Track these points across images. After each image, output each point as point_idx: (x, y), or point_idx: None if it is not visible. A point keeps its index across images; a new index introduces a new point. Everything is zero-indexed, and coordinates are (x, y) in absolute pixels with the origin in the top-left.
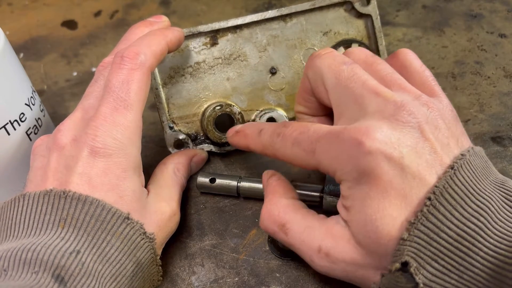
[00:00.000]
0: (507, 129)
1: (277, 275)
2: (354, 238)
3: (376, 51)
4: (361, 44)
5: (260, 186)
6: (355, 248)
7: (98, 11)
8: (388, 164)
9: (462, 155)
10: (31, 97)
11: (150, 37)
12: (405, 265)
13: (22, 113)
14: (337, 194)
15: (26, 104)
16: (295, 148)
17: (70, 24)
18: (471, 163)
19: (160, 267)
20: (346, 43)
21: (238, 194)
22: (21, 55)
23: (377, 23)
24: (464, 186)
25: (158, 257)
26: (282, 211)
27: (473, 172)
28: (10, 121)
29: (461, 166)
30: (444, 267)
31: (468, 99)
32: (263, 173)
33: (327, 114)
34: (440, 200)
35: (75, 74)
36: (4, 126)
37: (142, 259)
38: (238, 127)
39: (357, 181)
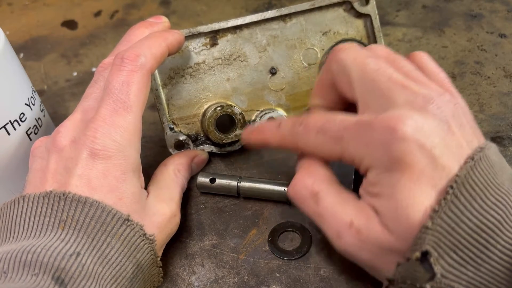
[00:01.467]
0: (507, 129)
1: (277, 275)
2: (383, 224)
3: None
4: (360, 43)
5: (260, 186)
6: (385, 232)
7: (98, 11)
8: (421, 153)
9: (481, 148)
10: (31, 97)
11: (150, 40)
12: (425, 255)
13: (22, 113)
14: None
15: (26, 104)
16: (320, 136)
17: (70, 24)
18: (489, 157)
19: (160, 269)
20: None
21: (238, 194)
22: (21, 55)
23: (376, 22)
24: (483, 178)
25: (159, 259)
26: (318, 180)
27: (492, 166)
28: (10, 121)
29: (481, 159)
30: (462, 258)
31: (468, 99)
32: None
33: (344, 108)
34: (461, 189)
35: (75, 74)
36: (4, 126)
37: (142, 261)
38: (253, 126)
39: (387, 167)
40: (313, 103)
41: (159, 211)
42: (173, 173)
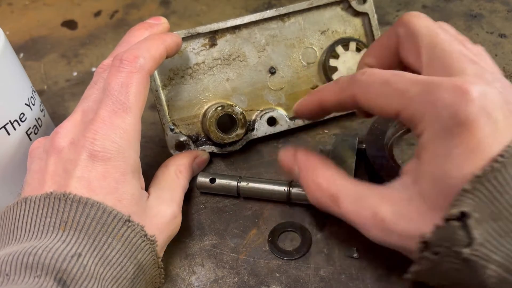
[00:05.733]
0: None
1: (277, 275)
2: (419, 195)
3: None
4: (358, 42)
5: (260, 186)
6: (415, 207)
7: (98, 11)
8: (486, 120)
9: None
10: (31, 97)
11: (149, 41)
12: (463, 216)
13: (22, 113)
14: None
15: (26, 104)
16: (384, 87)
17: (70, 24)
18: None
19: (162, 270)
20: (344, 42)
21: (238, 194)
22: (21, 55)
23: (374, 21)
24: None
25: (160, 260)
26: (331, 182)
27: None
28: (10, 121)
29: None
30: (501, 229)
31: None
32: (280, 153)
33: None
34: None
35: (75, 74)
36: (4, 126)
37: (143, 261)
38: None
39: (448, 130)
40: (365, 61)
41: (160, 213)
42: (174, 174)
